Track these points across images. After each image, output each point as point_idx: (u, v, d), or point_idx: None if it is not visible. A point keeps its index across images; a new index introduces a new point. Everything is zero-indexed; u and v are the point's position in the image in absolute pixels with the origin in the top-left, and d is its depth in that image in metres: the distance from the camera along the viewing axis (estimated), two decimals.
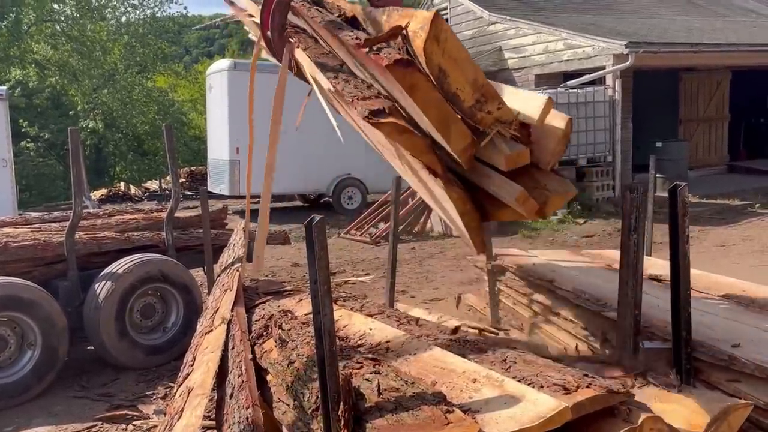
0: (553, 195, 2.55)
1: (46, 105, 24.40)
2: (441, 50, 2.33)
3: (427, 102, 2.35)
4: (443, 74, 2.37)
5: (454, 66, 2.37)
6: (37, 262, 4.90)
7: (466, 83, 2.40)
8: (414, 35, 2.38)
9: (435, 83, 2.38)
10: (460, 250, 9.50)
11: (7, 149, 9.77)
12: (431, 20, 2.29)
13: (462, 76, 2.39)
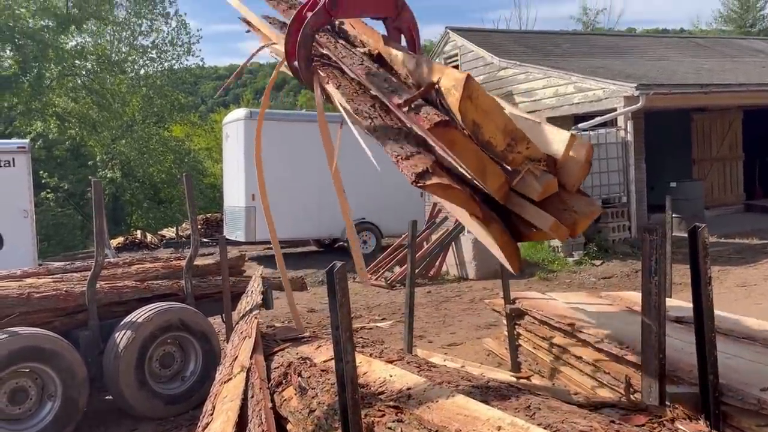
0: (581, 216, 2.74)
1: (66, 156, 24.94)
2: (474, 107, 2.62)
3: (465, 153, 2.62)
4: (477, 127, 2.64)
5: (487, 119, 2.63)
6: (58, 312, 4.94)
7: (497, 131, 2.65)
8: (447, 92, 2.67)
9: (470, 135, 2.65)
10: (477, 294, 9.45)
11: (29, 200, 9.96)
12: (464, 82, 2.55)
13: (494, 125, 2.64)
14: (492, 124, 2.63)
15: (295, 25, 3.68)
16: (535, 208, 2.70)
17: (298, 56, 3.70)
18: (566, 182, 2.78)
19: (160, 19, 29.89)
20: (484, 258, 10.69)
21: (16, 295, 4.77)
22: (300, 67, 3.73)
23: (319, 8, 3.58)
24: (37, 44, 22.07)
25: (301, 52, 3.68)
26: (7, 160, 9.73)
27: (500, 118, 2.65)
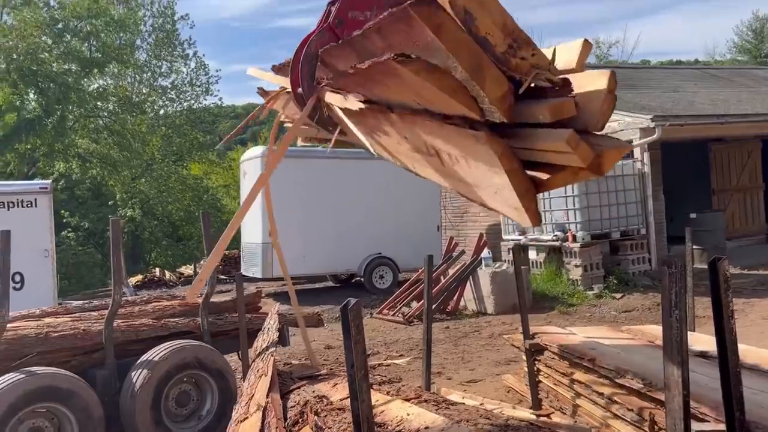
0: (608, 148, 2.31)
1: (87, 195, 25.35)
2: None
3: (455, 43, 2.12)
4: (470, 16, 2.17)
5: (480, 7, 2.17)
6: (75, 352, 4.96)
7: (495, 27, 2.19)
8: None
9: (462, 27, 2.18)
10: (495, 329, 9.33)
11: (50, 240, 10.10)
12: None
13: (490, 19, 2.19)
14: (488, 17, 2.17)
15: (299, 48, 3.57)
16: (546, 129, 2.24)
17: (300, 76, 3.50)
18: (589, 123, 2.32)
19: (180, 61, 30.67)
20: (503, 292, 10.58)
21: (34, 335, 4.80)
22: (303, 88, 3.53)
23: (324, 27, 3.48)
24: (60, 87, 22.65)
25: (304, 71, 3.49)
26: (29, 200, 9.92)
27: (498, 12, 2.19)
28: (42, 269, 9.85)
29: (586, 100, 2.32)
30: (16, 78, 22.48)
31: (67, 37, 23.91)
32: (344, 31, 3.44)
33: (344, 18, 3.48)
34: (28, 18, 23.03)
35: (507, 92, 2.24)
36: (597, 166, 2.28)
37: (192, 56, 30.79)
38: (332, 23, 3.48)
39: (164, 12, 30.59)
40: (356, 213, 13.35)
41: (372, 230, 13.53)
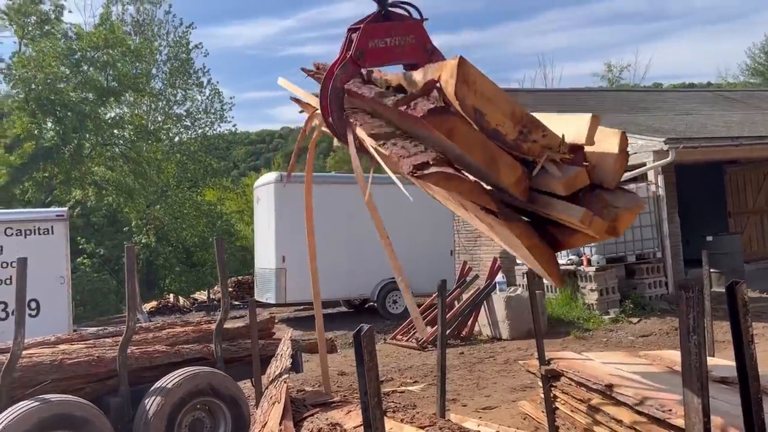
0: (623, 211, 2.46)
1: (103, 222, 25.57)
2: (472, 92, 2.35)
3: (468, 142, 2.36)
4: (480, 114, 2.37)
5: (489, 105, 2.37)
6: (90, 379, 4.96)
7: (504, 118, 2.40)
8: (446, 84, 2.42)
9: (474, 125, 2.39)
10: (511, 354, 9.22)
11: (66, 267, 10.16)
12: (457, 65, 2.31)
13: (499, 112, 2.40)
14: (497, 111, 2.36)
15: (326, 81, 3.72)
16: (563, 202, 2.40)
17: (330, 110, 3.70)
18: (604, 179, 2.51)
19: (194, 89, 31.17)
20: (518, 317, 10.48)
21: (49, 362, 4.81)
22: (333, 119, 3.72)
23: (346, 61, 3.63)
24: (77, 116, 23.02)
25: (332, 105, 3.69)
26: (46, 228, 10.01)
27: (505, 104, 2.39)
28: (58, 296, 9.90)
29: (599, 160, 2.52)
30: (34, 107, 22.90)
31: (84, 66, 24.38)
32: (366, 62, 3.63)
33: (365, 49, 3.60)
34: (46, 49, 23.54)
35: (521, 176, 2.44)
36: (612, 229, 2.42)
37: (206, 84, 31.28)
38: (354, 55, 3.59)
39: (179, 41, 31.19)
40: (369, 237, 13.30)
41: (385, 255, 13.49)
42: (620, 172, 2.51)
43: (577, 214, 2.33)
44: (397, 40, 3.63)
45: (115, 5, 30.11)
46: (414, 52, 3.64)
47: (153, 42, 30.07)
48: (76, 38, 25.07)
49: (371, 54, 3.60)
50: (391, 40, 3.62)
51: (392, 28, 3.65)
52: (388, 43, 3.61)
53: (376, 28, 3.63)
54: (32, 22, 24.58)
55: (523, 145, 2.42)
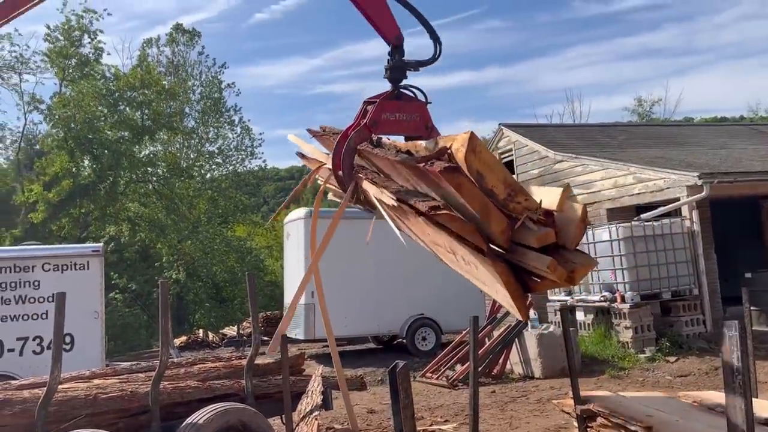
0: (579, 266, 3.04)
1: (135, 258, 26.00)
2: (477, 159, 3.03)
3: (471, 196, 3.04)
4: (480, 176, 3.04)
5: (488, 169, 3.06)
6: (123, 414, 4.99)
7: (498, 182, 3.07)
8: (457, 151, 3.08)
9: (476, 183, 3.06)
10: (544, 394, 9.01)
11: (100, 302, 10.32)
12: (469, 138, 3.01)
13: (495, 176, 3.07)
14: (494, 176, 3.06)
15: (340, 140, 4.40)
16: (535, 252, 3.02)
17: (342, 166, 4.33)
18: (566, 241, 3.09)
19: (226, 127, 31.91)
20: (550, 355, 10.28)
21: (84, 397, 4.85)
22: (344, 174, 4.35)
23: (361, 126, 4.33)
24: (113, 154, 23.67)
25: (345, 162, 4.32)
26: (82, 263, 10.22)
27: (501, 172, 3.11)
28: (91, 330, 10.03)
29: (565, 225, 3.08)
30: (73, 146, 23.62)
31: (121, 106, 25.15)
32: (378, 130, 4.40)
33: (378, 119, 4.40)
34: (85, 90, 24.38)
35: (506, 227, 3.08)
36: (571, 278, 3.05)
37: (237, 122, 32.00)
38: (369, 123, 4.35)
39: (212, 81, 32.08)
40: (398, 273, 13.31)
41: (414, 291, 13.43)
42: (579, 237, 3.10)
43: (545, 262, 2.94)
44: (405, 116, 4.48)
45: (151, 47, 31.23)
46: (417, 128, 4.47)
47: (187, 82, 30.99)
48: (113, 79, 25.94)
49: (383, 124, 4.39)
50: (400, 115, 4.46)
51: (403, 106, 4.49)
52: (398, 117, 4.45)
53: (390, 104, 4.44)
54: (72, 64, 25.53)
55: (509, 204, 3.07)
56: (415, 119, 4.52)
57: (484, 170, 3.02)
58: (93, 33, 25.49)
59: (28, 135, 28.82)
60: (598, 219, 14.23)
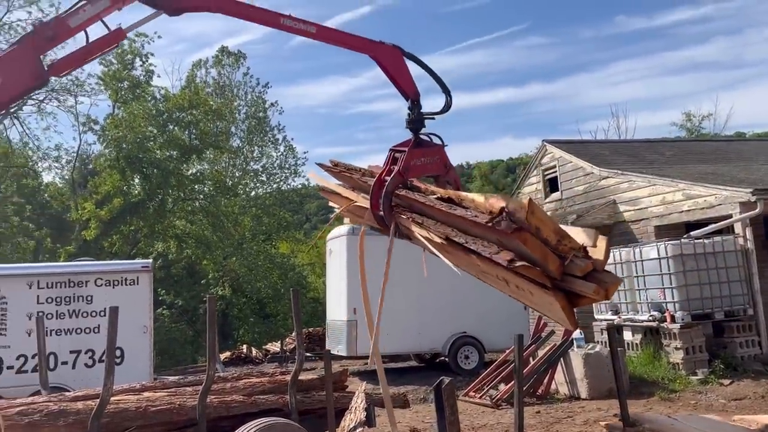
0: (611, 284, 3.88)
1: (182, 274, 26.56)
2: (535, 217, 3.80)
3: (534, 247, 3.82)
4: (538, 230, 3.83)
5: (543, 224, 3.84)
6: (170, 426, 5.09)
7: (551, 232, 3.87)
8: (515, 211, 3.83)
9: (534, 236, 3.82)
10: (590, 415, 8.80)
11: (149, 317, 10.59)
12: (528, 203, 3.80)
13: (548, 228, 3.86)
14: (547, 228, 3.83)
15: (376, 186, 5.23)
16: (581, 280, 3.86)
17: (383, 207, 5.18)
18: (597, 266, 3.95)
19: (270, 146, 32.51)
20: (597, 375, 10.03)
21: (134, 409, 4.98)
22: (384, 214, 5.20)
23: (395, 174, 5.16)
24: (162, 173, 24.34)
25: (385, 204, 5.18)
26: (132, 279, 10.53)
27: (552, 224, 3.89)
28: (140, 345, 10.29)
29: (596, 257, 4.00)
30: (124, 165, 24.39)
31: (170, 126, 25.91)
32: (409, 174, 5.24)
33: (409, 166, 5.19)
34: (137, 111, 25.21)
35: (559, 265, 3.89)
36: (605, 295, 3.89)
37: (281, 141, 32.56)
38: (402, 170, 5.16)
39: (256, 101, 32.78)
40: (441, 291, 13.25)
41: (457, 308, 13.34)
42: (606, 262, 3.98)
43: (591, 288, 3.82)
44: (428, 160, 5.33)
45: (199, 69, 32.13)
46: (438, 168, 5.35)
47: (233, 102, 31.72)
48: (163, 100, 26.77)
49: (412, 169, 5.23)
50: (425, 159, 5.31)
51: (426, 152, 5.36)
52: (423, 162, 5.29)
53: (416, 151, 5.29)
54: (125, 86, 26.45)
55: (559, 247, 3.88)
56: (437, 161, 5.40)
57: (540, 225, 3.79)
58: (144, 56, 26.38)
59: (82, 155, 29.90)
60: (646, 236, 13.89)
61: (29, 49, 5.00)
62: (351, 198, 5.83)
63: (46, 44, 5.05)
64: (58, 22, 5.06)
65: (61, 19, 5.07)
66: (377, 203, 5.17)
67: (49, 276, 10.26)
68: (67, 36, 5.13)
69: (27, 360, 9.77)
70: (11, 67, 4.91)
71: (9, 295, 9.92)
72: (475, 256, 4.14)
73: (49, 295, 10.09)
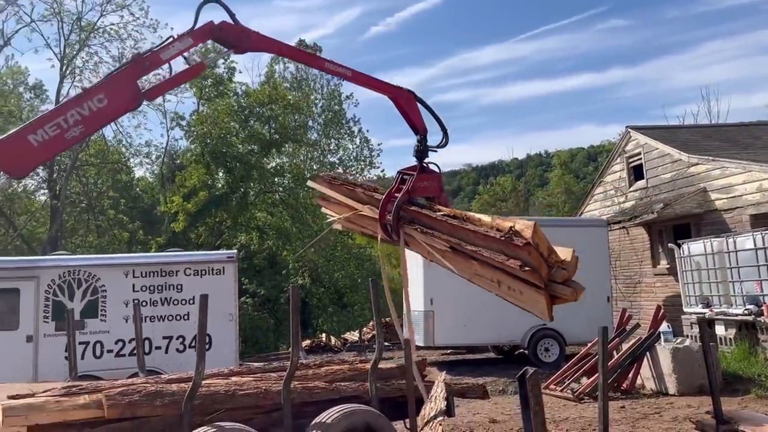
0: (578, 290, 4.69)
1: (264, 264, 27.42)
2: (536, 236, 4.63)
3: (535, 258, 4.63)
4: (537, 246, 4.65)
5: (540, 241, 4.68)
6: (257, 410, 5.27)
7: (545, 248, 4.70)
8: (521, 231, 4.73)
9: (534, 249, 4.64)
10: (679, 411, 8.46)
11: (234, 305, 11.03)
12: (534, 226, 4.66)
13: (543, 245, 4.69)
14: (543, 245, 4.69)
15: (386, 200, 6.22)
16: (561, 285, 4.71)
17: (393, 218, 6.08)
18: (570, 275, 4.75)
19: (346, 138, 32.95)
20: (686, 370, 9.62)
21: (223, 392, 5.20)
22: (393, 225, 6.10)
23: (404, 192, 6.15)
24: (244, 166, 25.20)
25: (394, 216, 6.08)
26: (218, 268, 10.99)
27: (546, 242, 4.72)
28: (227, 332, 10.73)
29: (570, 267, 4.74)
30: (209, 160, 25.41)
31: (251, 121, 26.74)
32: (415, 193, 6.26)
33: (416, 186, 6.26)
34: (220, 107, 26.17)
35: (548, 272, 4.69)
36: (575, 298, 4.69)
37: (357, 133, 32.94)
38: (410, 190, 6.19)
39: (332, 93, 33.27)
40: None
41: None
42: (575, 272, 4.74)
43: (568, 291, 4.66)
44: (429, 183, 6.38)
45: (277, 64, 32.94)
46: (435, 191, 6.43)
47: (310, 96, 32.34)
48: (244, 96, 27.64)
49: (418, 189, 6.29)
50: (427, 183, 6.37)
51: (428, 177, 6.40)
52: (425, 184, 6.35)
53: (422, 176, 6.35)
54: (209, 83, 27.50)
55: (549, 259, 4.69)
56: (435, 185, 6.47)
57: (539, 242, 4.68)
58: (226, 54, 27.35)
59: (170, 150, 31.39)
60: (740, 226, 13.14)
61: (130, 75, 5.78)
62: (356, 207, 6.83)
63: (142, 72, 5.85)
64: (152, 54, 5.86)
65: (154, 52, 5.89)
66: (384, 214, 6.19)
67: (143, 266, 10.87)
68: (158, 66, 5.95)
69: (125, 344, 10.40)
70: (115, 89, 5.68)
71: (108, 284, 10.59)
72: (475, 262, 5.14)
73: (143, 284, 10.68)
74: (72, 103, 5.60)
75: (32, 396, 4.83)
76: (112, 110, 5.78)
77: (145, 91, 5.95)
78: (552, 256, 4.71)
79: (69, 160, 26.86)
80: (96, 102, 5.56)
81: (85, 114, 5.52)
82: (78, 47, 27.44)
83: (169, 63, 5.96)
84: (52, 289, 10.37)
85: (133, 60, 5.87)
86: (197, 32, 6.05)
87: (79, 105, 5.52)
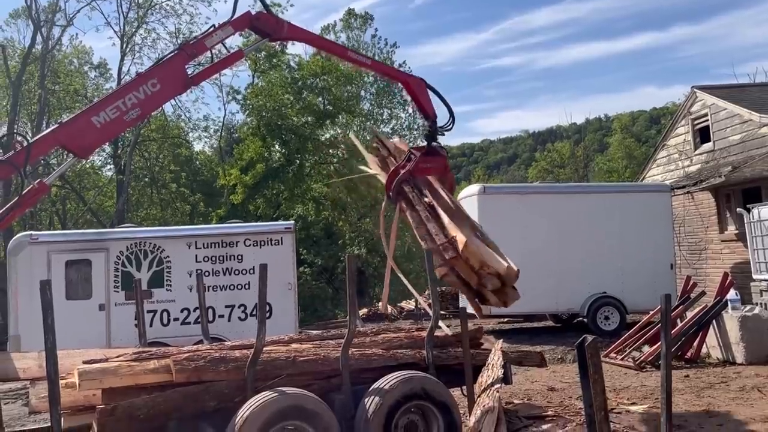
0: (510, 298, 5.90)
1: (320, 235, 27.85)
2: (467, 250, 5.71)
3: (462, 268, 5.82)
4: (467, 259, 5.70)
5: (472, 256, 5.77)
6: (316, 376, 5.41)
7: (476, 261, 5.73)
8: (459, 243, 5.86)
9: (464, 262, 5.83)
10: (747, 381, 8.20)
11: (293, 275, 11.28)
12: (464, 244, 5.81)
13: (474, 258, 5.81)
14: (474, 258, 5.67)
15: (392, 174, 7.14)
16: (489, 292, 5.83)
17: (394, 191, 7.06)
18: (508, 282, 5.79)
19: (399, 107, 32.75)
20: (756, 339, 9.30)
21: (284, 359, 5.35)
22: (393, 196, 7.11)
23: (406, 171, 7.01)
24: (299, 138, 25.45)
25: (395, 189, 7.03)
26: (277, 239, 11.23)
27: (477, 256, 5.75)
28: (286, 301, 11.00)
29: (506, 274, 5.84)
30: (264, 132, 25.77)
31: (304, 93, 26.88)
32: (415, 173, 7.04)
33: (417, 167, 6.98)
34: (274, 80, 26.39)
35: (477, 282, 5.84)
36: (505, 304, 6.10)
37: (409, 102, 32.68)
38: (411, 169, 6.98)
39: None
40: (579, 249, 12.80)
41: (596, 267, 12.84)
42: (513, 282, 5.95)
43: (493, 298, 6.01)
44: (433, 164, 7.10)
45: (328, 33, 32.88)
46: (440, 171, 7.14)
47: None
48: (297, 68, 27.76)
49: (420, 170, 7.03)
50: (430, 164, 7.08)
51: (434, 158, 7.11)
52: (428, 165, 7.07)
53: (427, 159, 7.06)
54: (263, 56, 27.73)
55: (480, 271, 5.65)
56: (439, 165, 7.14)
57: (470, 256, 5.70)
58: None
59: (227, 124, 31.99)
60: None
61: (179, 61, 6.27)
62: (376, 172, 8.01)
63: (189, 58, 6.37)
64: (197, 42, 6.41)
65: (200, 39, 6.42)
66: (390, 186, 7.10)
67: (205, 237, 11.22)
68: (203, 53, 6.50)
69: (189, 313, 10.82)
70: (167, 75, 6.17)
71: (172, 255, 10.99)
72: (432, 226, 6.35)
73: (205, 255, 11.04)
74: (129, 87, 6.06)
75: (106, 361, 5.09)
76: (165, 94, 6.31)
77: (192, 76, 6.47)
78: (482, 267, 5.75)
79: (132, 136, 27.74)
80: (150, 86, 6.01)
81: (141, 97, 5.96)
82: (137, 24, 28.10)
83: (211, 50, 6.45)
84: (120, 260, 10.85)
85: (181, 47, 6.39)
86: (236, 21, 6.52)
87: (135, 89, 5.98)
